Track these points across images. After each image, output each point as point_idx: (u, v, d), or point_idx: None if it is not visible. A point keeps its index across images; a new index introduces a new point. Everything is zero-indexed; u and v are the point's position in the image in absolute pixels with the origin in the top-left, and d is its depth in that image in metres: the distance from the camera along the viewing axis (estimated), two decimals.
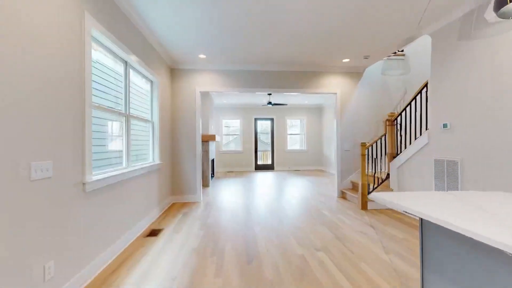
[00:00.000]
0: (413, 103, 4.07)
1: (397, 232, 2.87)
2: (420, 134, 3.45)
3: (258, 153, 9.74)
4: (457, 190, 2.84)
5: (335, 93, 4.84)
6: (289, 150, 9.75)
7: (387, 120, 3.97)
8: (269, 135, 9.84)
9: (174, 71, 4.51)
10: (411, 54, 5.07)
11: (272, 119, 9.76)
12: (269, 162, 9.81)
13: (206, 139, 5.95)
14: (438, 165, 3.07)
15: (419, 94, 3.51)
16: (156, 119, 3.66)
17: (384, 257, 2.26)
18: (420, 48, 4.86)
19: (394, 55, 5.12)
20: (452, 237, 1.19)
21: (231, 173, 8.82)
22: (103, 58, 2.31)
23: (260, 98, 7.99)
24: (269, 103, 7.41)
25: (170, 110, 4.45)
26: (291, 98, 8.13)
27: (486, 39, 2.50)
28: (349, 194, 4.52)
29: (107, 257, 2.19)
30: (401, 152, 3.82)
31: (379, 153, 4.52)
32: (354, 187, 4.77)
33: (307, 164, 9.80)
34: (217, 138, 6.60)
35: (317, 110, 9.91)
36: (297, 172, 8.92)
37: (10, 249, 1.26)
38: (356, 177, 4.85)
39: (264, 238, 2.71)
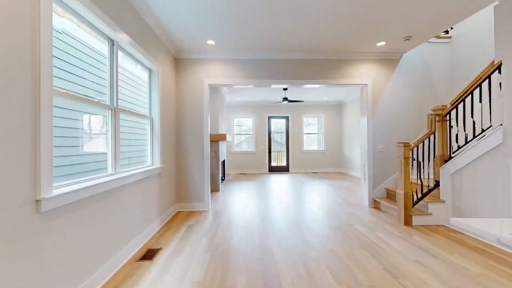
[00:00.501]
0: (475, 92, 3.23)
1: (468, 264, 2.13)
2: (482, 132, 2.66)
3: (272, 153, 9.07)
4: None
5: (366, 84, 4.10)
6: (305, 151, 9.01)
7: (437, 115, 3.19)
8: (284, 135, 9.14)
9: (179, 62, 3.96)
10: (456, 36, 4.24)
11: (287, 118, 9.06)
12: (284, 163, 9.12)
13: (216, 139, 5.38)
14: None
15: (487, 79, 2.72)
16: (156, 114, 3.10)
17: None
18: (466, 29, 4.02)
19: (437, 38, 4.31)
20: None
21: (243, 175, 8.22)
22: (77, 31, 1.76)
23: (275, 94, 7.32)
24: (285, 99, 6.73)
25: (174, 105, 3.90)
26: (309, 94, 7.40)
27: None
28: (384, 203, 3.77)
29: None
30: (455, 154, 3.04)
31: (424, 155, 3.73)
32: (389, 196, 4.00)
33: (326, 166, 9.01)
34: (228, 137, 6.02)
35: (337, 107, 9.09)
36: (314, 175, 8.17)
37: None
38: (391, 183, 4.08)
39: (288, 270, 2.05)
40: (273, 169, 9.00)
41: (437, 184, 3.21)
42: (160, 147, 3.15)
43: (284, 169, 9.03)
